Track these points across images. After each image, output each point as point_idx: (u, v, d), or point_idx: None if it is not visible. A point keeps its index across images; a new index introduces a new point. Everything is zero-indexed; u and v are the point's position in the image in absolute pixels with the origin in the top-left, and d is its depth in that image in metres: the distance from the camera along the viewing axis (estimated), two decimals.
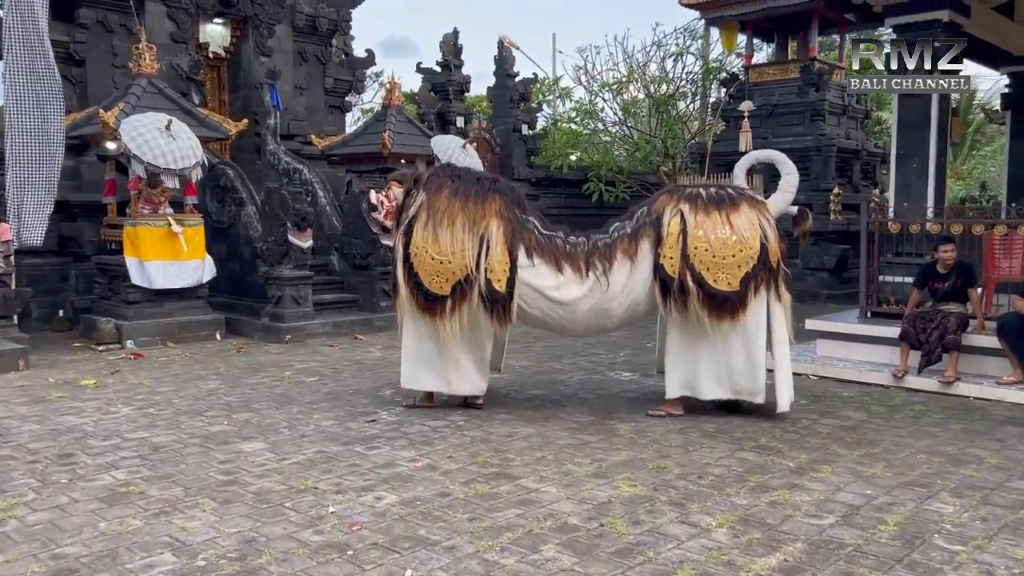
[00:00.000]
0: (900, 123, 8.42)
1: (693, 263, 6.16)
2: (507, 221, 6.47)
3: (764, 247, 6.19)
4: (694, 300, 6.15)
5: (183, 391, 7.48)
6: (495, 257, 6.34)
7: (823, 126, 15.93)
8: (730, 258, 6.16)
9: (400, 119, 12.84)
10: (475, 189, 6.55)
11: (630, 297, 6.43)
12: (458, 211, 6.42)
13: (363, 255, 11.62)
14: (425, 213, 6.49)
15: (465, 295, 6.35)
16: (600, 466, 5.25)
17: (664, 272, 6.24)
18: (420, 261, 6.42)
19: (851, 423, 6.37)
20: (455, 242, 6.35)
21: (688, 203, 6.32)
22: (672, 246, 6.22)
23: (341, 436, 5.96)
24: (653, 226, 6.37)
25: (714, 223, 6.21)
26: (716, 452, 5.57)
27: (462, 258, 6.33)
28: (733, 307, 6.16)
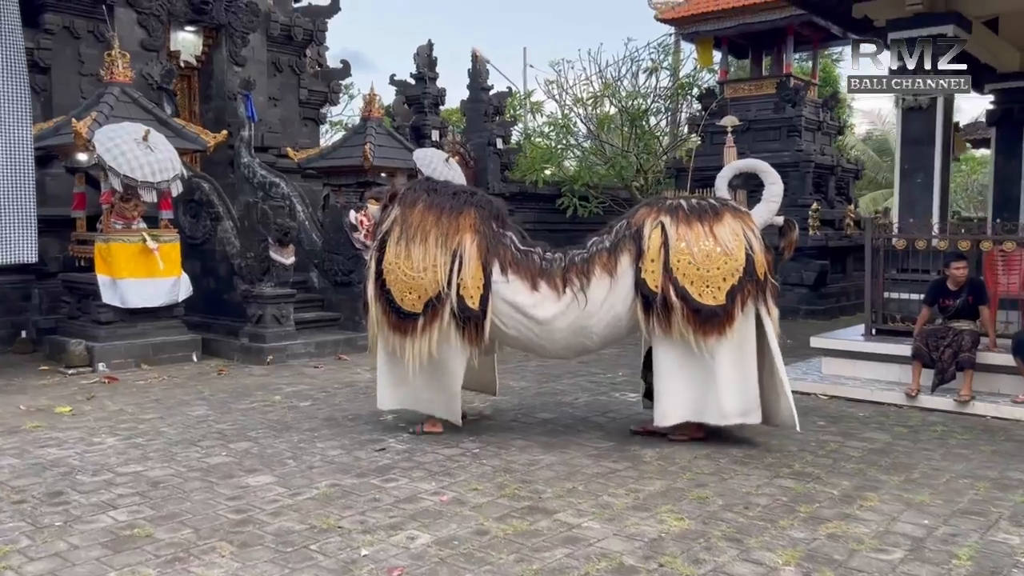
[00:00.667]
0: (904, 138, 8.35)
1: (676, 276, 5.88)
2: (482, 236, 6.22)
3: (750, 258, 5.91)
4: (678, 316, 5.86)
5: (170, 418, 7.01)
6: (468, 273, 6.09)
7: (800, 142, 15.96)
8: (715, 271, 5.88)
9: (380, 132, 12.48)
10: (449, 203, 6.30)
11: (611, 314, 6.13)
12: (431, 225, 6.19)
13: (345, 271, 11.21)
14: (398, 228, 6.27)
15: (437, 313, 6.08)
16: (637, 497, 4.96)
17: (646, 287, 5.96)
18: (393, 277, 6.19)
19: (878, 446, 6.18)
20: (427, 257, 6.11)
21: (669, 215, 6.06)
22: (653, 259, 5.96)
23: (352, 467, 5.58)
24: (633, 239, 6.10)
25: (697, 235, 5.94)
26: (753, 480, 5.32)
27: (434, 274, 6.08)
28: (720, 322, 5.85)
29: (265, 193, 11.77)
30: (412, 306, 6.13)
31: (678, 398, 6.10)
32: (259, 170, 11.95)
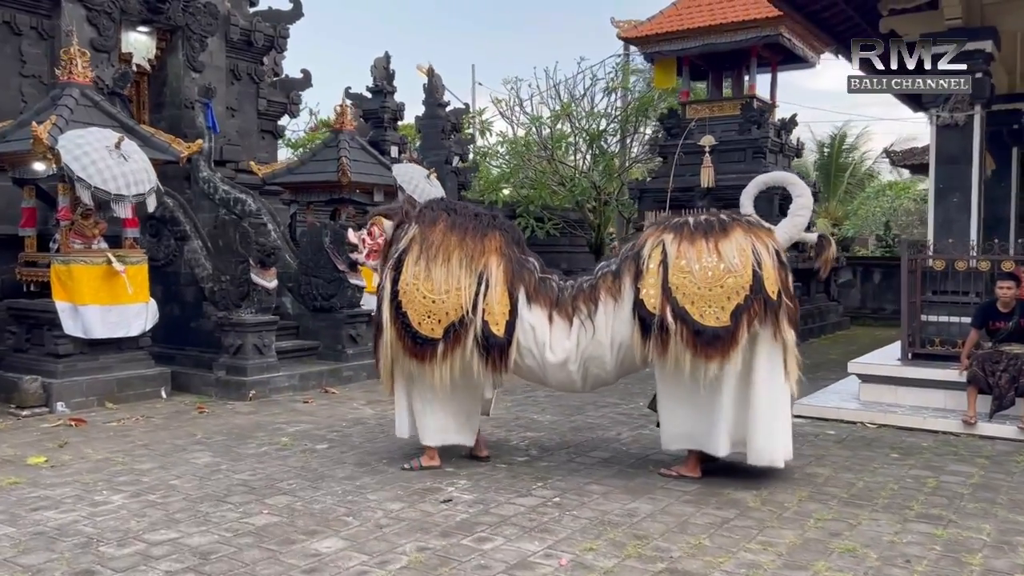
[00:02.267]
0: (939, 157, 8.14)
1: (675, 296, 5.43)
2: (508, 260, 5.85)
3: (757, 276, 5.43)
4: (675, 338, 5.38)
5: (173, 468, 6.01)
6: (494, 298, 5.67)
7: (765, 164, 15.86)
8: (718, 289, 5.41)
9: (354, 145, 11.63)
10: (473, 224, 5.90)
11: (618, 341, 5.69)
12: (454, 246, 5.75)
13: (325, 296, 10.28)
14: (417, 247, 5.78)
15: (459, 339, 5.63)
16: (779, 552, 4.36)
17: (644, 308, 5.50)
18: (410, 299, 5.69)
19: (976, 480, 5.78)
20: (450, 279, 5.67)
21: (672, 232, 5.64)
22: (652, 279, 5.51)
23: (427, 524, 4.78)
24: (633, 260, 5.69)
25: (699, 251, 5.50)
26: (884, 525, 4.80)
27: (457, 297, 5.63)
28: (724, 345, 5.37)
29: (228, 211, 10.70)
30: (431, 331, 5.67)
31: (686, 424, 5.71)
32: (221, 185, 10.88)
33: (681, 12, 16.56)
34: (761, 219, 6.04)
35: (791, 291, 5.73)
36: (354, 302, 10.27)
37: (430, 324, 5.65)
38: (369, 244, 6.23)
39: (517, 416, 7.93)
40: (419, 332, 5.66)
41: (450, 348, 5.65)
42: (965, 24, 7.81)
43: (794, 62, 17.21)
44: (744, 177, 15.68)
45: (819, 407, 7.77)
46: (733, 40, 15.85)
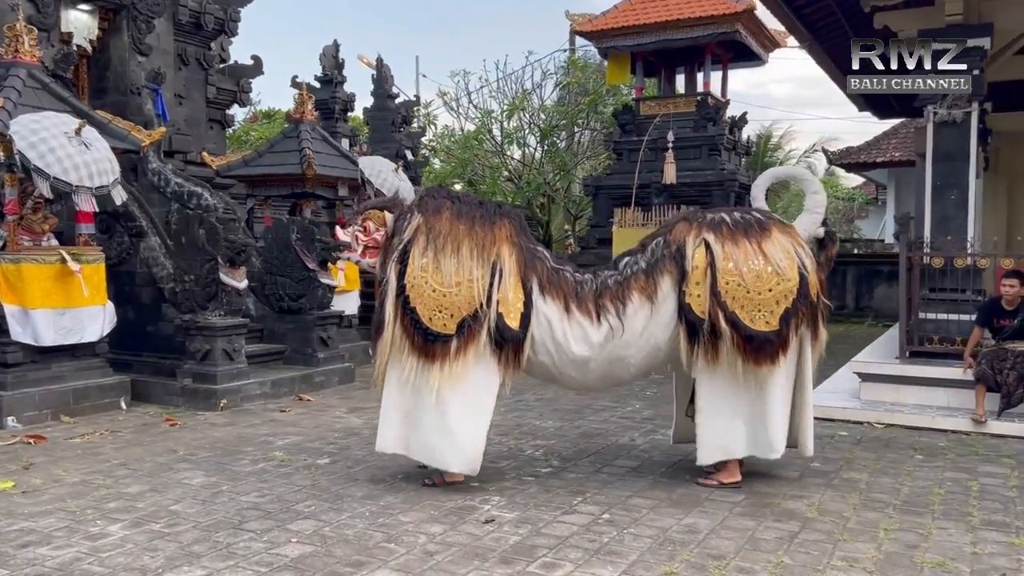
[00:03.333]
0: (936, 154, 8.11)
1: (725, 300, 5.21)
2: (519, 249, 5.46)
3: (804, 278, 5.30)
4: (727, 344, 5.19)
5: (167, 491, 5.39)
6: (508, 289, 5.30)
7: (720, 161, 15.86)
8: (767, 293, 5.23)
9: (315, 137, 10.98)
10: (480, 212, 5.51)
11: (650, 343, 5.42)
12: (463, 235, 5.36)
13: (293, 296, 9.65)
14: (424, 237, 5.35)
15: (473, 334, 5.21)
16: (866, 569, 4.11)
17: (692, 312, 5.27)
18: (418, 293, 5.25)
19: (1017, 482, 5.68)
20: (461, 270, 5.26)
21: (712, 231, 5.37)
22: (699, 282, 5.27)
23: (480, 549, 4.35)
24: (674, 260, 5.39)
25: (745, 253, 5.29)
26: (956, 535, 4.61)
27: (469, 290, 5.23)
28: (774, 349, 5.22)
29: (182, 205, 9.94)
30: (443, 326, 5.21)
31: (726, 434, 5.44)
32: (173, 178, 10.09)
33: (636, 7, 16.40)
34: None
35: (826, 291, 5.58)
36: (325, 303, 9.68)
37: (442, 319, 5.22)
38: (364, 240, 5.73)
39: (517, 423, 7.53)
40: (430, 328, 5.21)
41: (463, 345, 5.23)
42: (964, 21, 7.79)
43: (745, 60, 17.30)
44: (699, 174, 15.83)
45: (825, 407, 7.61)
46: (689, 36, 15.78)
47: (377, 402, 8.35)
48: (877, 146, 22.24)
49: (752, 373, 5.26)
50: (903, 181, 22.28)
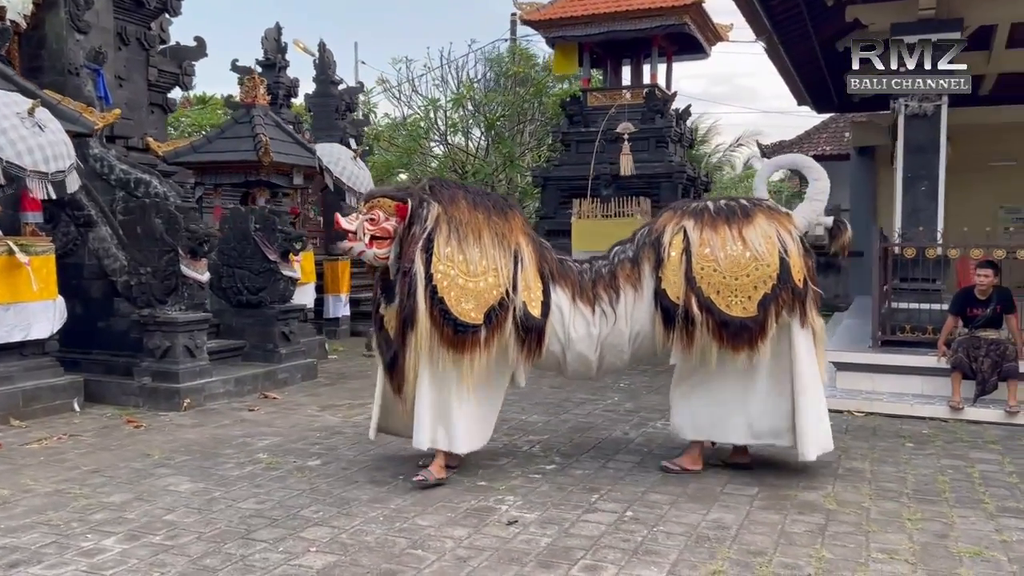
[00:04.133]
0: (907, 146, 8.24)
1: (700, 286, 5.25)
2: (533, 240, 5.53)
3: (784, 263, 5.29)
4: (702, 330, 5.22)
5: (154, 499, 5.01)
6: (530, 278, 5.32)
7: (668, 153, 15.93)
8: (744, 278, 5.24)
9: (268, 122, 10.49)
10: (492, 202, 5.47)
11: (635, 329, 5.51)
12: (483, 224, 5.29)
13: (253, 289, 9.21)
14: (446, 225, 5.21)
15: (500, 323, 5.15)
16: (908, 561, 4.09)
17: (666, 298, 5.33)
18: (446, 283, 5.10)
19: (1012, 467, 5.78)
20: (484, 259, 5.19)
21: (692, 218, 5.44)
22: (674, 268, 5.32)
23: (514, 553, 4.16)
24: (652, 247, 5.48)
25: (723, 239, 5.31)
26: (978, 523, 4.65)
27: (496, 278, 5.15)
28: (751, 335, 5.23)
29: (128, 193, 9.36)
30: (471, 316, 5.11)
31: (693, 417, 5.54)
32: (118, 164, 9.46)
33: None
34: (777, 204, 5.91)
35: (816, 278, 5.57)
36: (287, 296, 9.28)
37: (468, 310, 5.09)
38: (371, 230, 5.44)
39: (503, 418, 7.21)
40: (460, 319, 5.06)
41: (492, 334, 5.14)
42: (937, 16, 7.93)
43: (690, 52, 17.41)
44: (648, 166, 15.84)
45: None
46: (637, 28, 15.77)
47: (350, 399, 8.21)
48: (808, 140, 22.75)
49: (731, 359, 5.27)
50: (834, 174, 22.81)
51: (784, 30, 10.76)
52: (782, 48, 11.55)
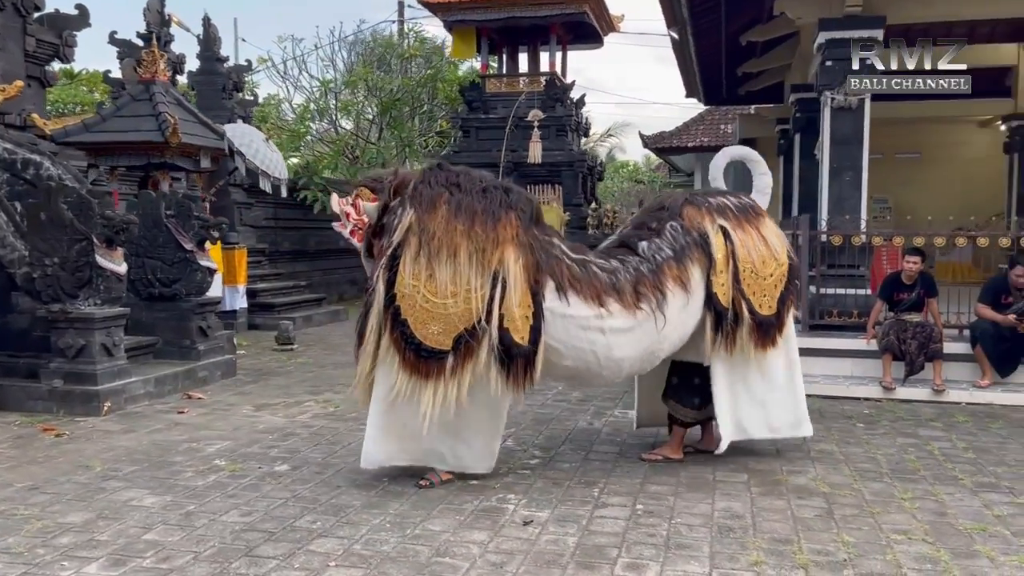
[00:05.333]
0: (833, 138, 8.56)
1: (743, 288, 5.28)
2: (528, 250, 4.89)
3: (792, 262, 5.57)
4: (745, 330, 5.26)
5: (120, 517, 4.49)
6: (514, 300, 4.75)
7: (567, 141, 16.03)
8: (768, 278, 5.39)
9: (170, 100, 9.74)
10: (482, 205, 4.85)
11: (680, 332, 5.28)
12: (460, 237, 4.75)
13: (166, 281, 8.51)
14: (416, 239, 4.76)
15: (471, 351, 4.74)
16: (925, 540, 4.21)
17: (718, 302, 5.23)
18: (410, 304, 4.72)
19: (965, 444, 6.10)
20: (458, 279, 4.71)
21: (723, 217, 5.40)
22: (723, 271, 5.26)
23: (545, 554, 3.99)
24: (700, 247, 5.27)
25: (752, 240, 5.40)
26: (963, 499, 4.86)
27: (467, 301, 4.70)
28: (774, 332, 5.40)
29: (14, 175, 8.43)
30: (437, 342, 4.71)
31: (750, 414, 5.54)
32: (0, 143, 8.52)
33: None
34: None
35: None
36: (204, 287, 8.63)
37: (435, 333, 4.70)
38: (353, 220, 5.08)
39: None
40: (423, 343, 4.69)
41: (461, 361, 4.72)
42: (863, 12, 8.26)
43: (585, 41, 17.60)
44: (550, 154, 15.89)
45: None
46: (537, 15, 15.80)
47: (283, 397, 7.75)
48: (687, 131, 23.51)
49: (761, 356, 5.34)
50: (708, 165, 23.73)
51: (698, 21, 10.97)
52: (692, 40, 11.78)
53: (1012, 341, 7.60)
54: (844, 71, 8.36)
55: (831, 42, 8.40)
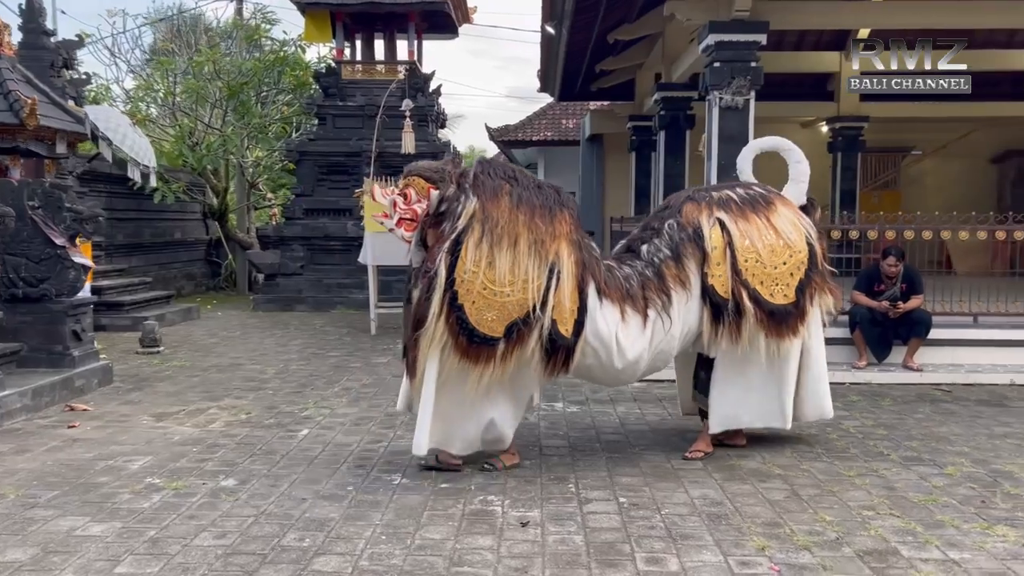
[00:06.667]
0: (721, 136, 8.95)
1: (746, 279, 5.35)
2: (578, 248, 5.11)
3: (812, 249, 5.65)
4: (751, 321, 5.41)
5: (75, 551, 3.97)
6: (565, 294, 4.95)
7: (429, 132, 15.82)
8: (781, 267, 5.49)
9: (19, 78, 8.68)
10: (540, 200, 5.02)
11: (685, 329, 5.47)
12: (522, 228, 4.91)
13: (32, 280, 7.58)
14: (480, 226, 4.85)
15: (522, 338, 4.90)
16: (892, 515, 4.53)
17: (716, 294, 5.34)
18: (468, 290, 4.83)
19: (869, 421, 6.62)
20: (516, 269, 4.86)
21: (722, 209, 5.52)
22: (719, 262, 5.35)
23: (566, 555, 3.95)
24: (693, 242, 5.40)
25: (757, 229, 5.44)
26: (901, 474, 5.29)
27: (524, 291, 4.86)
28: (794, 321, 5.53)
29: None
30: (491, 328, 4.85)
31: (736, 406, 5.65)
32: None
33: None
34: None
35: (827, 258, 5.94)
36: (77, 287, 7.78)
37: (490, 321, 4.82)
38: (401, 210, 4.97)
39: (389, 414, 6.87)
40: (477, 329, 4.80)
41: (511, 349, 4.87)
42: (751, 16, 8.71)
43: (440, 31, 17.42)
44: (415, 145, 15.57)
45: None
46: (397, 2, 15.42)
47: (179, 404, 7.24)
48: (531, 125, 23.91)
49: (775, 346, 5.42)
50: (552, 159, 24.30)
51: (578, 17, 11.14)
52: (567, 35, 11.96)
53: (885, 326, 8.33)
54: (732, 72, 8.80)
55: (720, 44, 8.79)
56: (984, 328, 8.59)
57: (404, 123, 13.22)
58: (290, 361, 9.44)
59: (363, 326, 12.27)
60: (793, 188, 6.02)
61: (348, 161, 15.39)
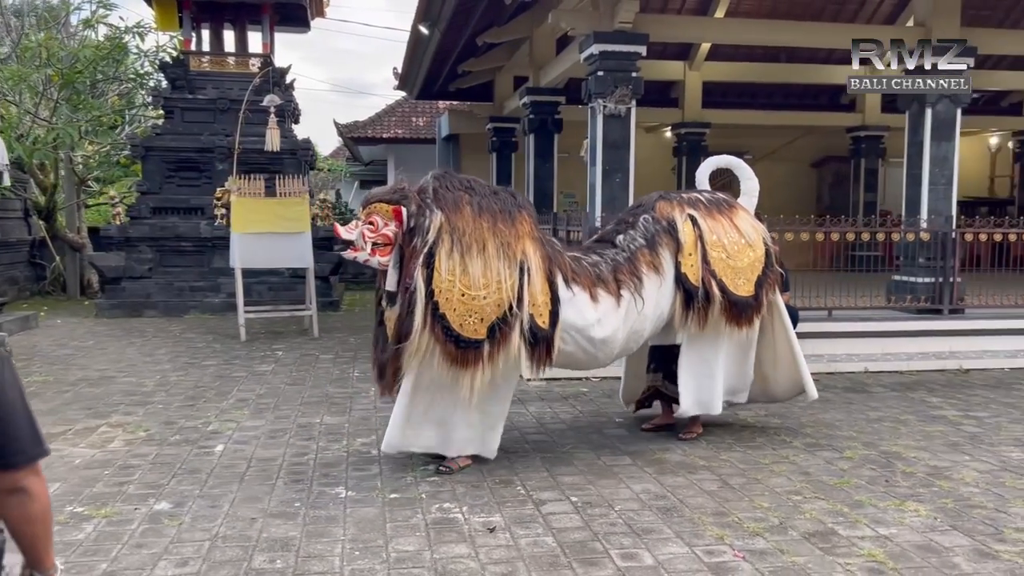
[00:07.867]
0: (605, 142, 9.28)
1: (714, 269, 5.93)
2: (541, 244, 5.48)
3: (768, 249, 6.29)
4: (716, 308, 5.93)
5: None
6: (536, 288, 5.29)
7: (287, 128, 15.32)
8: (744, 262, 6.10)
9: None
10: (499, 205, 5.33)
11: (657, 313, 5.95)
12: (488, 233, 5.23)
13: None
14: (448, 237, 5.13)
15: (505, 337, 5.20)
16: (843, 489, 4.97)
17: (688, 281, 5.89)
18: (448, 299, 5.09)
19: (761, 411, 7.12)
20: (488, 272, 5.18)
21: (693, 208, 6.10)
22: (691, 252, 5.92)
23: (543, 557, 4.06)
24: (668, 233, 5.91)
25: (723, 227, 6.10)
26: (811, 460, 5.76)
27: (498, 292, 5.17)
28: (752, 312, 6.12)
29: None
30: (475, 331, 5.11)
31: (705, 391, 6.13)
32: None
33: None
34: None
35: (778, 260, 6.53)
36: None
37: (473, 325, 5.07)
38: (372, 237, 5.11)
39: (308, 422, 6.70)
40: (462, 335, 5.03)
41: (496, 349, 5.11)
42: (633, 28, 9.11)
43: (293, 24, 16.89)
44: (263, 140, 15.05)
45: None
46: None
47: (62, 424, 6.79)
48: (380, 122, 23.65)
49: (736, 334, 5.97)
50: (403, 157, 24.09)
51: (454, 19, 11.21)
52: (440, 36, 12.00)
53: None
54: (615, 81, 9.17)
55: (604, 54, 9.14)
56: (838, 321, 9.45)
57: (269, 119, 12.72)
58: (166, 372, 8.91)
59: (227, 332, 11.73)
60: (746, 200, 6.66)
61: (199, 157, 14.65)
